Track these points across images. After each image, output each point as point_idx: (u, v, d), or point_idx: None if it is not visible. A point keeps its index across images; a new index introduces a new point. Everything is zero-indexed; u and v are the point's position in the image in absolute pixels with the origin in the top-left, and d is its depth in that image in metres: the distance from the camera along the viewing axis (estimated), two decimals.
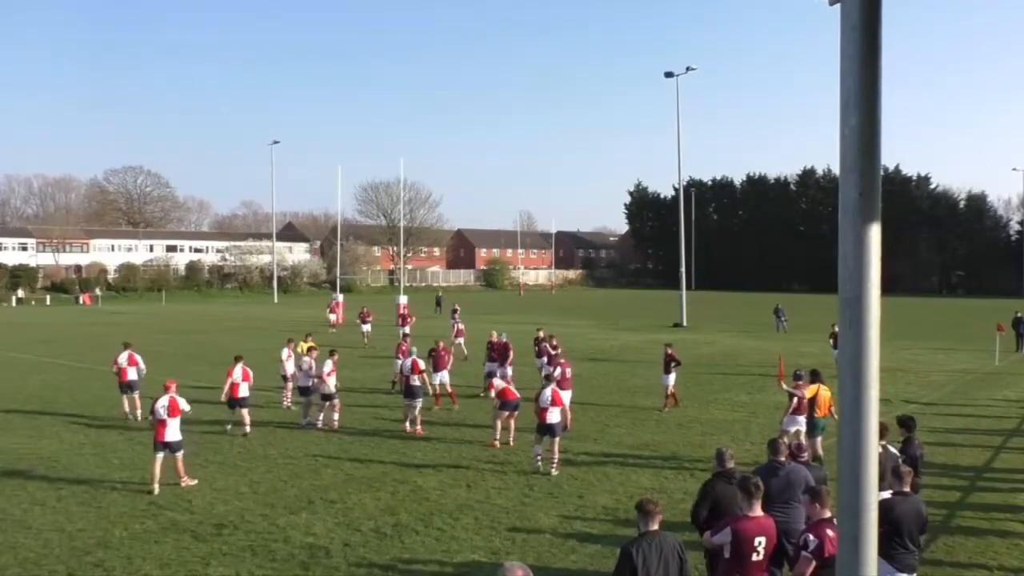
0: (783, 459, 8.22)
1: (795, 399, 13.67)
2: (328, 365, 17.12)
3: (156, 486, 12.29)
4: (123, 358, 18.27)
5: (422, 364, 16.89)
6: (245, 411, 16.45)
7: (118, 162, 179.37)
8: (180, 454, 12.67)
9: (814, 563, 6.27)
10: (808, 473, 8.11)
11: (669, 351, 19.37)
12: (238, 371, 16.63)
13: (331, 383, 16.98)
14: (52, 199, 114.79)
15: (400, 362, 18.51)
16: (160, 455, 12.50)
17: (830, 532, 6.18)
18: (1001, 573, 9.20)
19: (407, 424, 16.63)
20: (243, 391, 16.55)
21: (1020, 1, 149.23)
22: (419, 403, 16.57)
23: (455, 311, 38.45)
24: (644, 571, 5.85)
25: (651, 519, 6.10)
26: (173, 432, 12.61)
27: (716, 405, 19.97)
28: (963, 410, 19.39)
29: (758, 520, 6.55)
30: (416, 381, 16.52)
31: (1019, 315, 33.35)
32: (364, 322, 35.20)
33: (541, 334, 22.69)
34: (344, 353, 20.92)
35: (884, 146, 3.44)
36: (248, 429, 16.28)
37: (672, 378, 19.29)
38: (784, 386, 14.06)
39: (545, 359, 20.70)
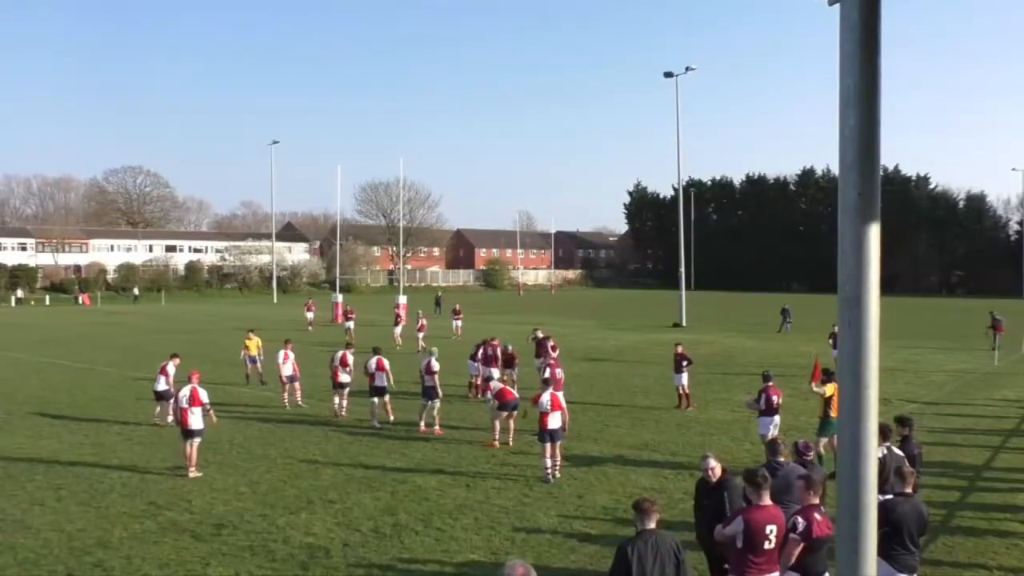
0: (782, 459, 8.23)
1: (763, 400, 13.73)
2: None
3: (192, 470, 13.22)
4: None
5: (436, 366, 16.92)
6: (169, 403, 17.29)
7: (118, 162, 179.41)
8: (197, 441, 13.52)
9: (802, 544, 6.57)
10: (806, 473, 8.10)
11: (679, 350, 19.50)
12: (171, 366, 17.81)
13: (344, 375, 18.13)
14: (51, 199, 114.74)
15: (476, 365, 20.46)
16: (188, 441, 13.40)
17: (817, 516, 6.65)
18: (1001, 573, 9.20)
19: (422, 424, 16.69)
20: (160, 384, 17.53)
21: (1020, 1, 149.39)
22: (437, 403, 16.71)
23: (457, 311, 38.87)
24: (639, 570, 5.87)
25: (647, 518, 6.13)
26: (196, 420, 13.49)
27: (716, 405, 19.98)
28: (962, 410, 19.39)
29: (768, 509, 6.74)
30: (429, 382, 16.65)
31: (994, 315, 34.08)
32: (348, 319, 37.39)
33: (540, 334, 22.70)
34: (326, 352, 21.05)
35: (883, 146, 3.45)
36: (170, 419, 16.55)
37: (684, 378, 19.43)
38: (815, 387, 14.05)
39: (543, 359, 20.73)
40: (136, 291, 77.24)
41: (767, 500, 6.77)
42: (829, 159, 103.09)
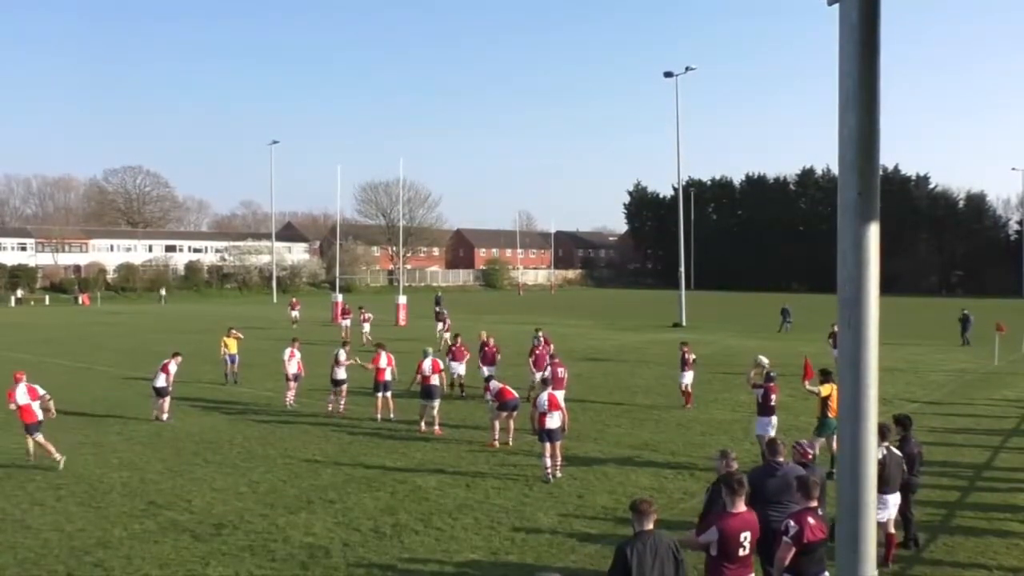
0: (781, 459, 8.22)
1: (760, 395, 13.68)
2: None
3: (56, 455, 13.65)
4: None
5: (441, 364, 17.04)
6: (164, 400, 17.90)
7: (117, 162, 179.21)
8: (40, 436, 13.96)
9: (794, 549, 6.50)
10: (803, 475, 8.07)
11: (685, 350, 19.57)
12: (172, 364, 18.19)
13: (341, 371, 18.60)
14: (51, 199, 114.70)
15: (455, 364, 20.85)
16: (39, 435, 13.88)
17: (811, 520, 6.57)
18: (1001, 573, 9.20)
19: (422, 424, 16.66)
20: (159, 381, 17.81)
21: (1019, 1, 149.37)
22: (437, 403, 16.67)
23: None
24: (639, 570, 5.89)
25: (645, 519, 6.14)
26: (38, 414, 14.08)
27: (716, 405, 19.97)
28: (962, 410, 19.39)
29: (742, 516, 6.68)
30: (435, 381, 16.67)
31: (965, 312, 36.18)
32: (344, 317, 38.36)
33: (540, 333, 22.66)
34: (318, 350, 21.03)
35: (883, 145, 3.45)
36: (165, 416, 17.65)
37: (689, 377, 19.52)
38: (808, 386, 13.94)
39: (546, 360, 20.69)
40: (163, 291, 77.10)
41: (741, 507, 6.69)
42: (829, 159, 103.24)
